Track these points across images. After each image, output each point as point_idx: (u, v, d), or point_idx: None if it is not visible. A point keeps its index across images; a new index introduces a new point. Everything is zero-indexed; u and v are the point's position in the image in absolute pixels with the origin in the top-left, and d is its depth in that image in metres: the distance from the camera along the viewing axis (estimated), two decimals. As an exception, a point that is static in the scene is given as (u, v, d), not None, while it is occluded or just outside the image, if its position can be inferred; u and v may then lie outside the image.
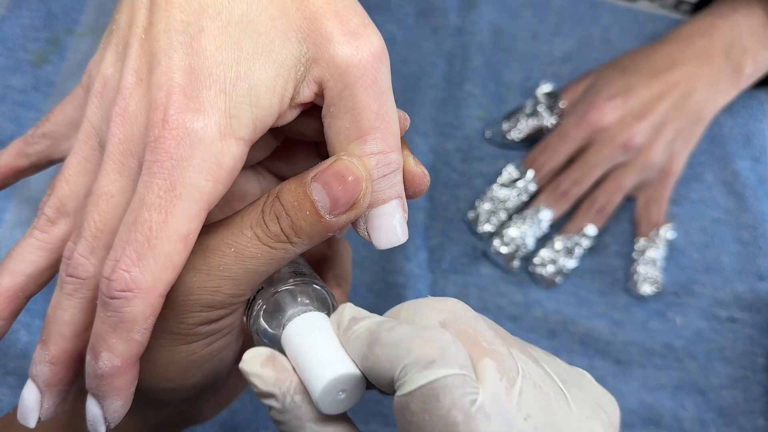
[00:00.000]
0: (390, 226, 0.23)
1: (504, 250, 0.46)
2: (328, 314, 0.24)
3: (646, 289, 0.46)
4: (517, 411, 0.19)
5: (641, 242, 0.47)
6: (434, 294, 0.45)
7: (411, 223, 0.47)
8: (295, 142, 0.28)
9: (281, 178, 0.29)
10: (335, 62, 0.22)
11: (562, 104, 0.49)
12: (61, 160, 0.28)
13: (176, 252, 0.21)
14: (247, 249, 0.22)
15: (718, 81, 0.47)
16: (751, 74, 0.48)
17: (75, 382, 0.24)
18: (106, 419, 0.22)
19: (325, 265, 0.30)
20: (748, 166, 0.50)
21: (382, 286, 0.45)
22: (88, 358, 0.22)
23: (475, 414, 0.19)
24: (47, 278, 0.25)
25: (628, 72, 0.47)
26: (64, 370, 0.23)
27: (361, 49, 0.22)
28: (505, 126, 0.50)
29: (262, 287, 0.25)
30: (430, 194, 0.48)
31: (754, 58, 0.47)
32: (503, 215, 0.47)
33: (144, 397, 0.24)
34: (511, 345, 0.22)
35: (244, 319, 0.25)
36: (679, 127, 0.46)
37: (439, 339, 0.20)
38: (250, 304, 0.25)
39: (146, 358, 0.23)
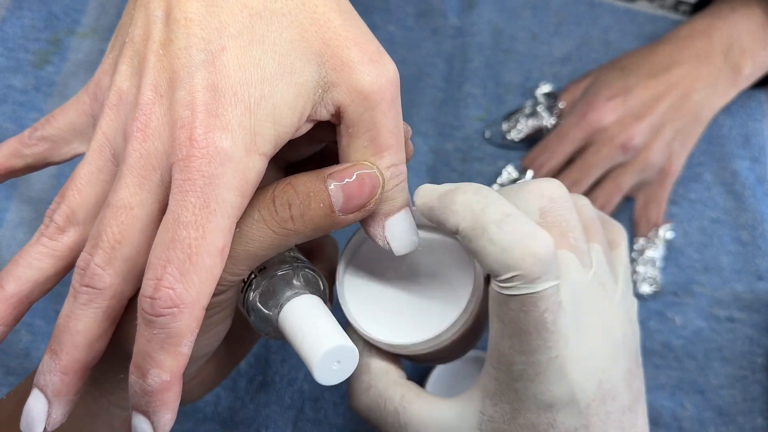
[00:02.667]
0: (405, 233, 0.26)
1: (503, 250, 0.46)
2: (321, 295, 0.26)
3: (645, 288, 0.46)
4: (587, 302, 0.25)
5: (640, 242, 0.47)
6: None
7: (411, 223, 0.47)
8: (298, 140, 0.28)
9: (278, 166, 0.30)
10: (357, 88, 0.23)
11: (562, 105, 0.50)
12: (58, 163, 0.28)
13: (215, 265, 0.21)
14: (251, 231, 0.23)
15: (716, 81, 0.47)
16: (749, 75, 0.48)
17: (80, 391, 0.24)
18: None
19: (312, 255, 0.31)
20: (747, 166, 0.51)
21: (382, 285, 0.45)
22: (133, 377, 0.22)
23: (559, 312, 0.23)
24: (52, 285, 0.26)
25: (627, 72, 0.48)
26: (74, 380, 0.23)
27: (380, 77, 0.23)
28: (504, 126, 0.50)
29: (258, 269, 0.26)
30: (430, 194, 0.48)
31: (753, 58, 0.47)
32: (503, 215, 0.47)
33: None
34: (592, 239, 0.27)
35: (240, 299, 0.26)
36: (678, 127, 0.46)
37: (545, 256, 0.23)
38: (245, 284, 0.26)
39: None
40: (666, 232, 0.47)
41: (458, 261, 0.29)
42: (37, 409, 0.23)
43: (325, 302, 0.26)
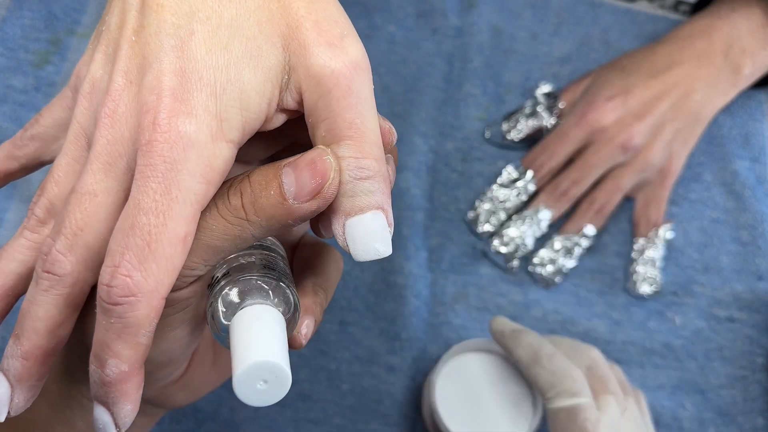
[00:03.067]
0: (367, 238, 0.23)
1: (503, 249, 0.46)
2: (287, 316, 0.24)
3: (645, 288, 0.46)
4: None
5: (640, 242, 0.47)
6: (434, 294, 0.45)
7: (411, 223, 0.47)
8: (297, 144, 0.28)
9: None
10: (310, 72, 0.22)
11: (562, 105, 0.50)
12: (51, 161, 0.28)
13: (176, 254, 0.21)
14: (205, 220, 0.22)
15: (717, 81, 0.47)
16: (750, 75, 0.48)
17: (45, 378, 0.24)
18: (117, 425, 0.22)
19: (309, 272, 0.30)
20: (747, 166, 0.51)
21: (382, 286, 0.45)
22: (92, 367, 0.22)
23: (598, 425, 0.33)
24: None
25: (627, 72, 0.48)
26: (36, 365, 0.23)
27: (335, 60, 0.22)
28: (504, 126, 0.50)
29: (228, 272, 0.25)
30: (430, 194, 0.48)
31: (753, 58, 0.47)
32: (503, 215, 0.47)
33: None
34: (625, 390, 0.37)
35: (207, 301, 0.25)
36: (678, 127, 0.46)
37: (579, 380, 0.34)
38: (213, 285, 0.25)
39: None
40: (666, 232, 0.47)
41: (521, 387, 0.39)
42: (0, 393, 0.23)
43: (291, 322, 0.24)
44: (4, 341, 0.41)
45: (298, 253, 0.31)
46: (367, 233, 0.23)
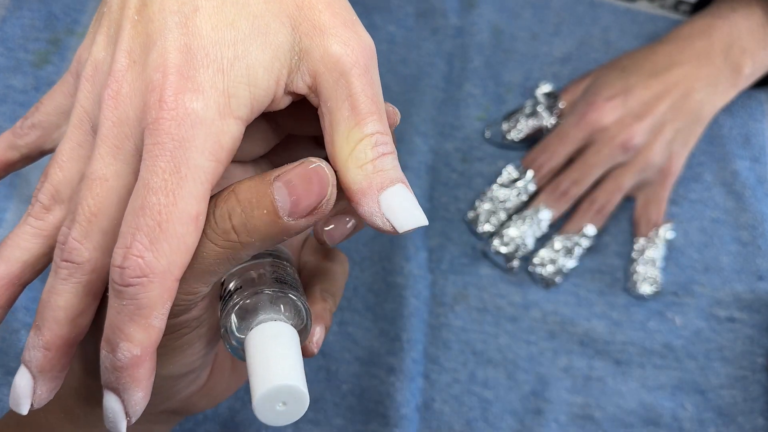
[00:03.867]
0: (406, 206, 0.23)
1: (504, 249, 0.46)
2: (299, 327, 0.24)
3: (646, 288, 0.46)
4: None
5: (640, 242, 0.47)
6: (434, 294, 0.45)
7: (411, 223, 0.47)
8: (295, 137, 0.28)
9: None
10: (329, 52, 0.22)
11: (562, 104, 0.50)
12: (52, 150, 0.28)
13: (188, 234, 0.20)
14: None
15: (717, 81, 0.47)
16: (750, 74, 0.48)
17: (67, 369, 0.24)
18: (127, 413, 0.22)
19: (317, 278, 0.29)
20: (747, 166, 0.51)
21: (382, 286, 0.45)
22: (104, 352, 0.21)
23: None
24: (43, 265, 0.25)
25: (628, 72, 0.48)
26: (58, 355, 0.23)
27: (353, 40, 0.22)
28: (504, 126, 0.50)
29: (240, 286, 0.24)
30: (430, 194, 0.48)
31: (753, 58, 0.47)
32: (503, 215, 0.47)
33: None
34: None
35: (219, 313, 0.25)
36: (678, 127, 0.46)
37: None
38: (225, 299, 0.24)
39: None
40: (666, 232, 0.47)
41: None
42: (22, 385, 0.23)
43: (303, 332, 0.24)
44: (4, 341, 0.41)
45: (304, 256, 0.31)
46: (404, 202, 0.23)
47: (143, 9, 0.22)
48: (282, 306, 0.24)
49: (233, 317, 0.24)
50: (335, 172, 0.22)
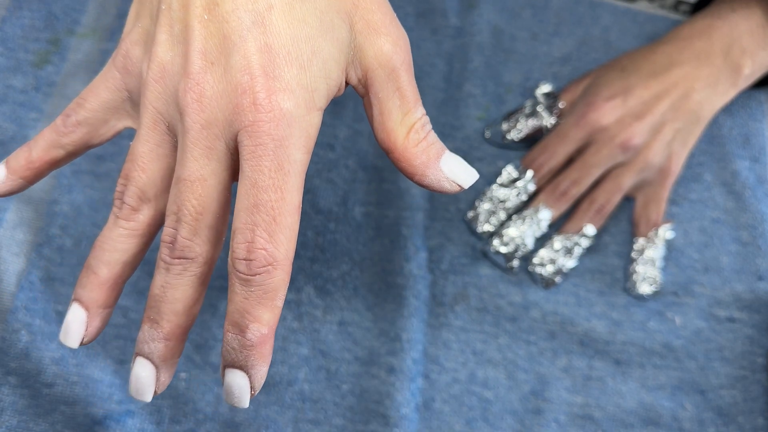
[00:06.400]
0: (463, 165, 0.26)
1: (503, 249, 0.46)
2: None
3: (645, 288, 0.46)
4: None
5: (640, 242, 0.47)
6: (434, 294, 0.45)
7: (411, 224, 0.47)
8: None
9: None
10: (383, 51, 0.24)
11: (562, 104, 0.50)
12: (99, 145, 0.29)
13: (295, 222, 0.23)
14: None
15: (716, 81, 0.47)
16: (750, 75, 0.48)
17: (181, 354, 0.26)
18: (253, 387, 0.24)
19: None
20: (747, 166, 0.51)
21: (382, 286, 0.45)
22: (230, 335, 0.23)
23: None
24: (139, 261, 0.27)
25: (627, 72, 0.48)
26: (177, 344, 0.25)
27: (401, 39, 0.25)
28: (504, 126, 0.50)
29: None
30: (430, 194, 0.48)
31: (753, 58, 0.47)
32: (503, 215, 0.47)
33: None
34: None
35: None
36: (677, 127, 0.46)
37: None
38: None
39: None
40: (666, 232, 0.47)
41: None
42: (144, 375, 0.25)
43: None
44: (4, 341, 0.41)
45: None
46: (460, 164, 0.26)
47: (214, 8, 0.22)
48: None
49: None
50: (391, 152, 0.25)
